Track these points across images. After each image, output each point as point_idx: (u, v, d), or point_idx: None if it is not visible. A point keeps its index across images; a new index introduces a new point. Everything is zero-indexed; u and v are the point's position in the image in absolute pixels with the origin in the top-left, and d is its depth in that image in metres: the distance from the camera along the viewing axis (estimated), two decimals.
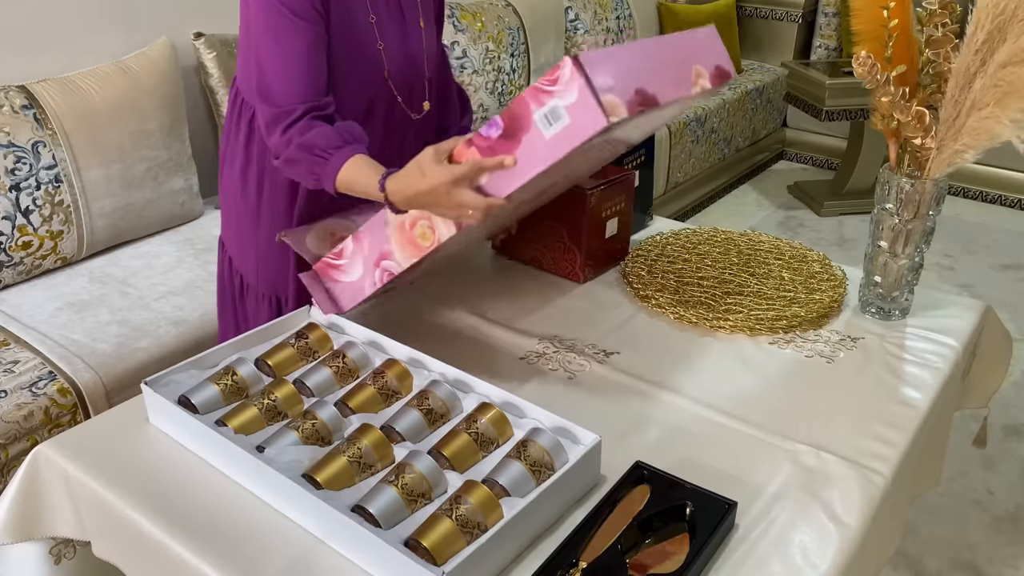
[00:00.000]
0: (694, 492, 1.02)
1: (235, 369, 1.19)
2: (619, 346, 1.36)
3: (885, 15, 1.26)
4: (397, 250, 1.22)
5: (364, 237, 1.25)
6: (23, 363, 1.72)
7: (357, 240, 1.25)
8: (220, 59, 2.39)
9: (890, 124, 1.31)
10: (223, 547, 0.97)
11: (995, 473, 2.18)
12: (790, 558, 0.96)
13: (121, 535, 1.06)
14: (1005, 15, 1.19)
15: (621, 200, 1.58)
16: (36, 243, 2.02)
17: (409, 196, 1.13)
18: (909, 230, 1.36)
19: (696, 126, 3.50)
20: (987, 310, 1.48)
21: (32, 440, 1.62)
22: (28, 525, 1.16)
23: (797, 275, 1.53)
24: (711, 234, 1.69)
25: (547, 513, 1.00)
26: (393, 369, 1.19)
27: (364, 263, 1.25)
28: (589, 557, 0.94)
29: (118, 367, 1.76)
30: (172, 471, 1.09)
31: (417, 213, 1.18)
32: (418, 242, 1.20)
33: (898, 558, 1.89)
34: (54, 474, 1.13)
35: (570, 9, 3.54)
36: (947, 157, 1.28)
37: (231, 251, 1.55)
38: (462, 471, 1.04)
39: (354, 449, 1.03)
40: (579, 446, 1.07)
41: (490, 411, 1.10)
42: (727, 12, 3.97)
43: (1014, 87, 1.19)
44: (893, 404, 1.23)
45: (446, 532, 0.91)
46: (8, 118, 1.97)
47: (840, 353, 1.35)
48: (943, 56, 1.29)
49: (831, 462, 1.11)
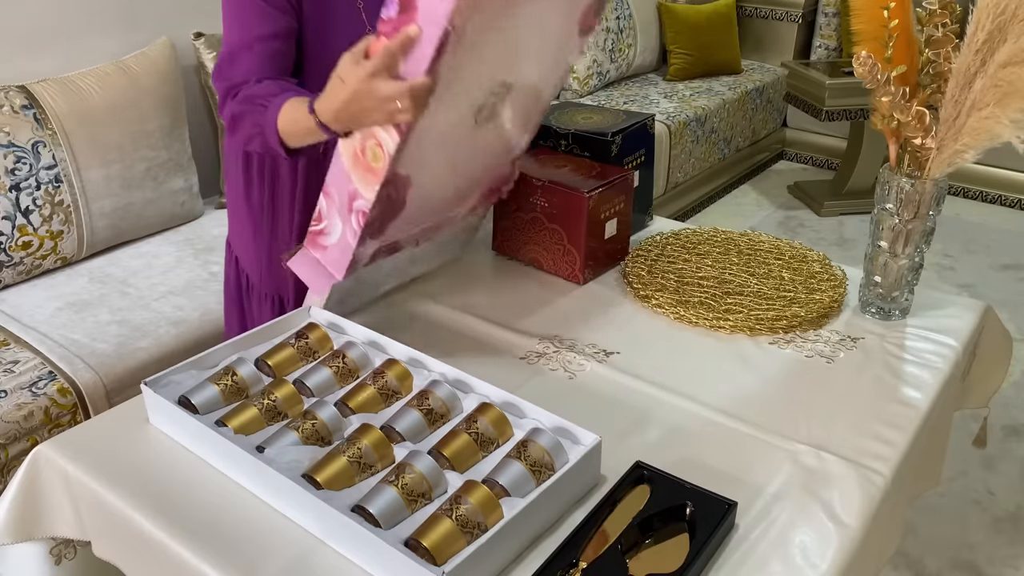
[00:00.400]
0: (694, 492, 1.02)
1: (235, 369, 1.18)
2: (619, 346, 1.36)
3: (885, 15, 1.26)
4: (360, 184, 1.18)
5: (331, 188, 1.22)
6: (23, 363, 1.72)
7: (327, 195, 1.23)
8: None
9: (890, 124, 1.31)
10: (223, 547, 0.97)
11: (995, 473, 2.18)
12: (790, 558, 0.96)
13: (121, 535, 1.06)
14: (1005, 15, 1.19)
15: (620, 201, 1.58)
16: (36, 243, 2.02)
17: (337, 108, 1.08)
18: (909, 230, 1.36)
19: (696, 126, 3.50)
20: (987, 310, 1.48)
21: (32, 440, 1.62)
22: (28, 525, 1.16)
23: (797, 275, 1.53)
24: (711, 234, 1.69)
25: (547, 513, 1.00)
26: (393, 369, 1.19)
27: (340, 215, 1.22)
28: (589, 557, 0.94)
29: (118, 367, 1.76)
30: (172, 471, 1.09)
31: (361, 135, 1.14)
32: (372, 165, 1.15)
33: (898, 558, 1.89)
34: (54, 474, 1.13)
35: None
36: (947, 157, 1.28)
37: (237, 250, 1.55)
38: (462, 471, 1.04)
39: (354, 449, 1.03)
40: (579, 446, 1.07)
41: (490, 411, 1.10)
42: (727, 12, 3.97)
43: (1014, 87, 1.19)
44: (893, 404, 1.23)
45: (446, 532, 0.91)
46: (8, 118, 1.97)
47: (840, 353, 1.35)
48: (943, 56, 1.29)
49: (831, 462, 1.11)
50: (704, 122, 3.56)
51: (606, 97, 3.65)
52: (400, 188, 1.20)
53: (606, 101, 3.60)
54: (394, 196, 1.22)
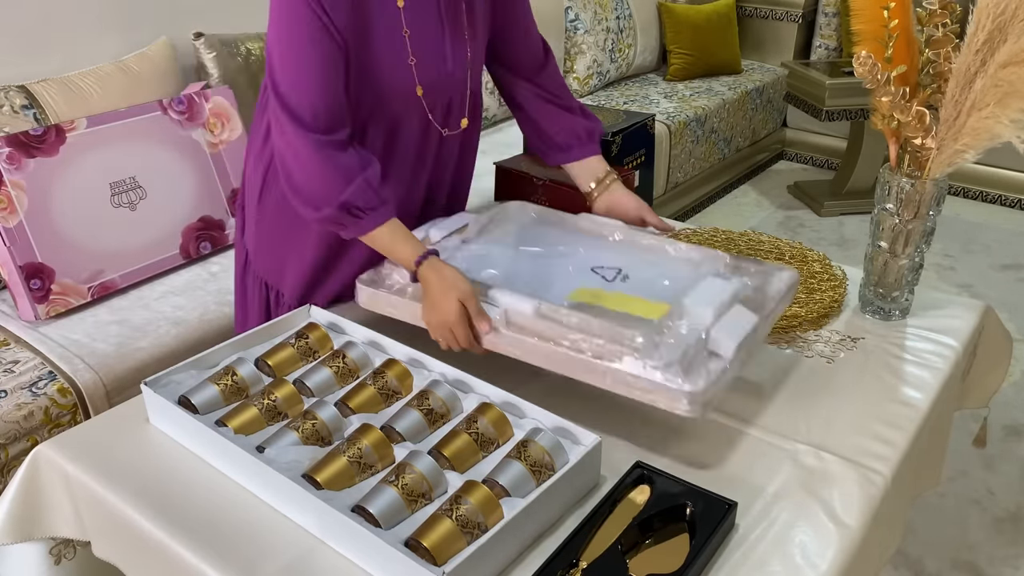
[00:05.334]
0: (694, 492, 1.02)
1: (235, 369, 1.18)
2: None
3: (885, 15, 1.26)
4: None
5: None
6: (23, 363, 1.72)
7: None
8: (220, 59, 2.39)
9: (890, 124, 1.31)
10: (223, 547, 0.97)
11: (995, 473, 2.18)
12: (790, 558, 0.96)
13: (121, 535, 1.06)
14: (1006, 15, 1.19)
15: None
16: None
17: (428, 303, 1.23)
18: (909, 230, 1.36)
19: (696, 126, 3.50)
20: (987, 310, 1.48)
21: (32, 440, 1.62)
22: (28, 525, 1.16)
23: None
24: (711, 234, 1.69)
25: (547, 513, 1.00)
26: (393, 369, 1.19)
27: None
28: (589, 557, 0.94)
29: (118, 367, 1.76)
30: (172, 471, 1.09)
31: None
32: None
33: (898, 558, 1.89)
34: (54, 474, 1.13)
35: (570, 9, 3.54)
36: (947, 157, 1.28)
37: (248, 247, 1.53)
38: (462, 471, 1.04)
39: (354, 449, 1.03)
40: (579, 446, 1.07)
41: (490, 411, 1.10)
42: (727, 12, 3.97)
43: (1014, 87, 1.19)
44: (893, 404, 1.23)
45: (446, 532, 0.91)
46: (8, 118, 1.97)
47: (840, 353, 1.35)
48: (943, 56, 1.29)
49: (831, 462, 1.11)
50: (704, 122, 3.56)
51: (606, 97, 3.65)
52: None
53: (606, 101, 3.60)
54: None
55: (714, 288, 1.19)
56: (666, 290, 1.25)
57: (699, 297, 1.17)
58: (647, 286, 1.26)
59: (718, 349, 1.11)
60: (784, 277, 1.26)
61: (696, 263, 1.30)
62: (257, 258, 1.50)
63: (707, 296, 1.17)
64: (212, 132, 2.20)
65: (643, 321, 1.13)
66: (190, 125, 2.15)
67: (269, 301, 1.52)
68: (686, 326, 1.13)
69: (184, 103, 2.15)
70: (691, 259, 1.31)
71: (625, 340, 1.09)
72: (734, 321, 1.14)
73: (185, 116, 2.15)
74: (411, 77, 1.31)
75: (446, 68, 1.35)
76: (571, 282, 1.29)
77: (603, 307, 1.18)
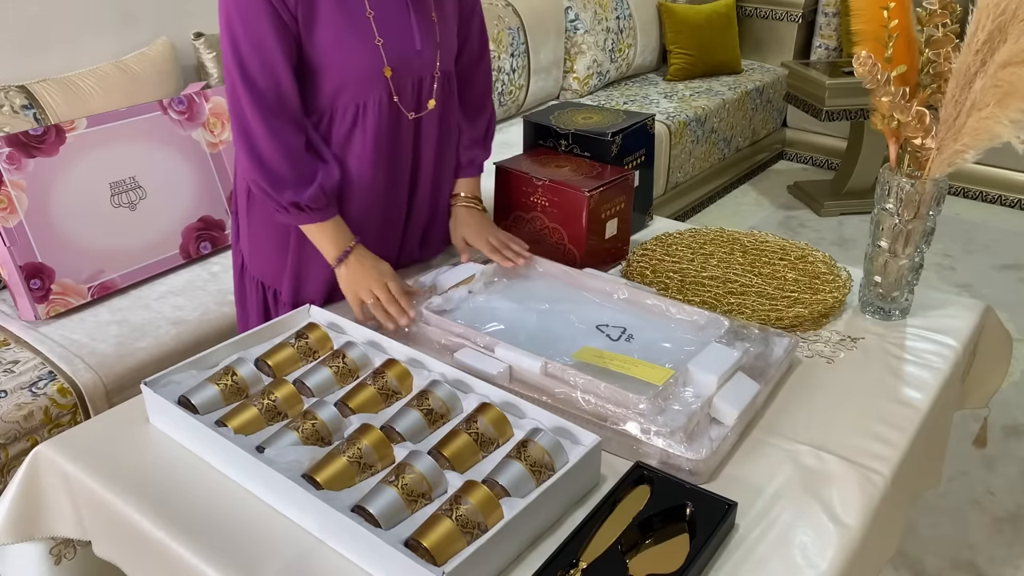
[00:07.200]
0: (694, 492, 1.02)
1: (235, 369, 1.18)
2: None
3: (885, 15, 1.26)
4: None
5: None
6: (23, 363, 1.72)
7: None
8: (220, 59, 2.39)
9: (890, 124, 1.31)
10: (223, 547, 0.97)
11: (995, 473, 2.18)
12: (790, 558, 0.96)
13: (121, 535, 1.06)
14: (1006, 15, 1.19)
15: (621, 201, 1.58)
16: None
17: (345, 280, 1.40)
18: (909, 230, 1.36)
19: (696, 126, 3.50)
20: (987, 310, 1.48)
21: (32, 440, 1.62)
22: (28, 525, 1.16)
23: (802, 276, 1.53)
24: (716, 234, 1.69)
25: (547, 513, 1.00)
26: (393, 369, 1.19)
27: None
28: (589, 557, 0.94)
29: (118, 367, 1.75)
30: (172, 471, 1.09)
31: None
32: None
33: (898, 558, 1.89)
34: (54, 474, 1.13)
35: (570, 9, 3.54)
36: (947, 157, 1.28)
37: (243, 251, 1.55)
38: (462, 471, 1.04)
39: (354, 449, 1.03)
40: (579, 446, 1.07)
41: (490, 411, 1.10)
42: (727, 12, 3.97)
43: (1014, 87, 1.19)
44: (893, 404, 1.23)
45: (446, 532, 0.91)
46: (8, 118, 1.97)
47: (840, 353, 1.35)
48: (943, 56, 1.29)
49: (831, 462, 1.11)
50: (704, 122, 3.56)
51: (606, 97, 3.65)
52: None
53: (606, 101, 3.60)
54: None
55: (718, 355, 1.21)
56: (669, 353, 1.27)
57: (704, 363, 1.19)
58: (651, 348, 1.29)
59: (721, 417, 1.13)
60: (784, 343, 1.29)
61: (700, 327, 1.33)
62: (252, 260, 1.51)
63: (711, 363, 1.19)
64: (212, 132, 2.20)
65: (648, 386, 1.15)
66: (190, 125, 2.16)
67: (267, 301, 1.52)
68: (691, 393, 1.16)
69: (184, 103, 2.15)
70: (695, 322, 1.34)
71: (630, 404, 1.11)
72: (737, 389, 1.16)
73: (185, 116, 2.15)
74: (379, 57, 1.33)
75: (414, 47, 1.37)
76: (576, 339, 1.30)
77: (609, 369, 1.20)
